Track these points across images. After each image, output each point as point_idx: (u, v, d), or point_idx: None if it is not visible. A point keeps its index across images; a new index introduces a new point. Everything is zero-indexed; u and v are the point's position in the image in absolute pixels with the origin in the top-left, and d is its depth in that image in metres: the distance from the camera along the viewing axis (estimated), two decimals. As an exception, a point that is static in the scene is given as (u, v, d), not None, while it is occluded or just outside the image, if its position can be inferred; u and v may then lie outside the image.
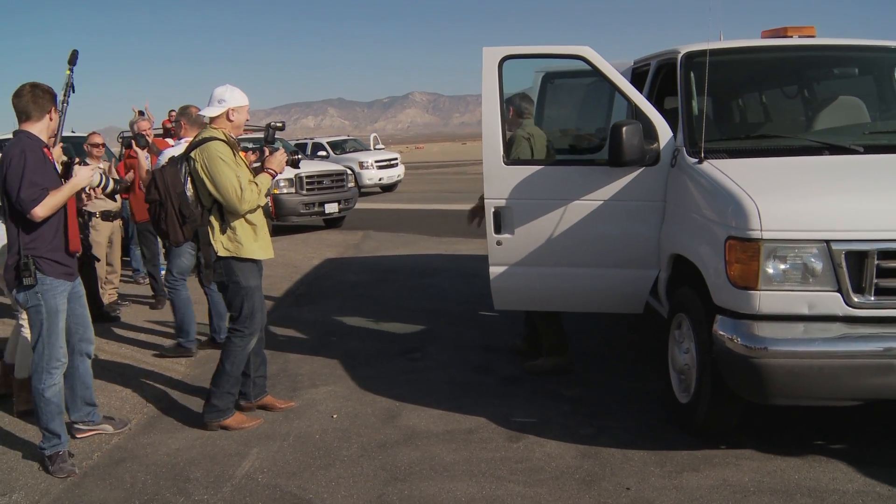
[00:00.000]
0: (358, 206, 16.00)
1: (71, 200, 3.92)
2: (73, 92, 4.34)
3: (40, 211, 3.65)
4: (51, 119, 3.91)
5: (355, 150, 23.99)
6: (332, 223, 14.72)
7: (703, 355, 3.73)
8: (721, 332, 3.52)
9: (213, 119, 4.27)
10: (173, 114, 17.47)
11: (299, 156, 4.82)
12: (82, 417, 4.28)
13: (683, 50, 4.69)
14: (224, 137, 4.21)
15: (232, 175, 4.07)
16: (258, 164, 4.53)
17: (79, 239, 4.10)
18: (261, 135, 16.44)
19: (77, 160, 4.07)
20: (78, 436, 4.25)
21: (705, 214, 3.80)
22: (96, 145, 7.63)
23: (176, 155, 4.42)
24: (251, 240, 4.27)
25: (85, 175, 3.95)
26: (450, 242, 11.45)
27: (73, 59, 4.45)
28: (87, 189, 4.47)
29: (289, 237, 13.30)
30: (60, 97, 4.12)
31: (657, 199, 4.41)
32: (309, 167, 14.20)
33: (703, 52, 4.40)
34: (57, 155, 4.04)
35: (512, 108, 5.02)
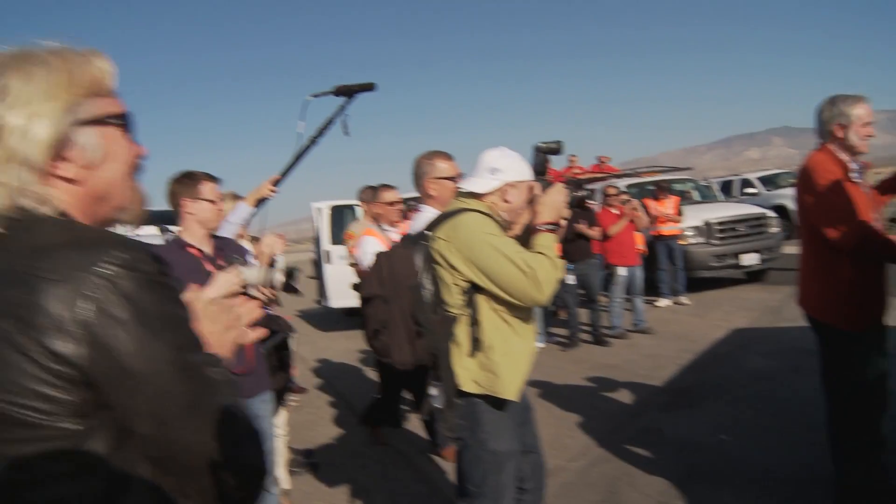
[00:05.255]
0: (792, 249, 13.22)
1: None
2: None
3: None
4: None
5: (791, 186, 20.44)
6: (754, 276, 12.25)
7: None
8: None
9: (477, 195, 2.88)
10: (572, 159, 16.27)
11: (585, 192, 3.05)
12: None
13: None
14: (486, 210, 2.84)
15: (511, 251, 2.64)
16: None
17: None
18: (672, 176, 14.78)
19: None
20: None
21: None
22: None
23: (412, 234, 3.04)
24: (514, 365, 2.71)
25: (219, 281, 2.66)
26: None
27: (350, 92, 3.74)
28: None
29: (699, 295, 11.35)
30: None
31: None
32: (720, 211, 12.08)
33: None
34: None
35: None
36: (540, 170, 3.06)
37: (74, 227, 1.10)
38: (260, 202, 4.30)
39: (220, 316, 1.35)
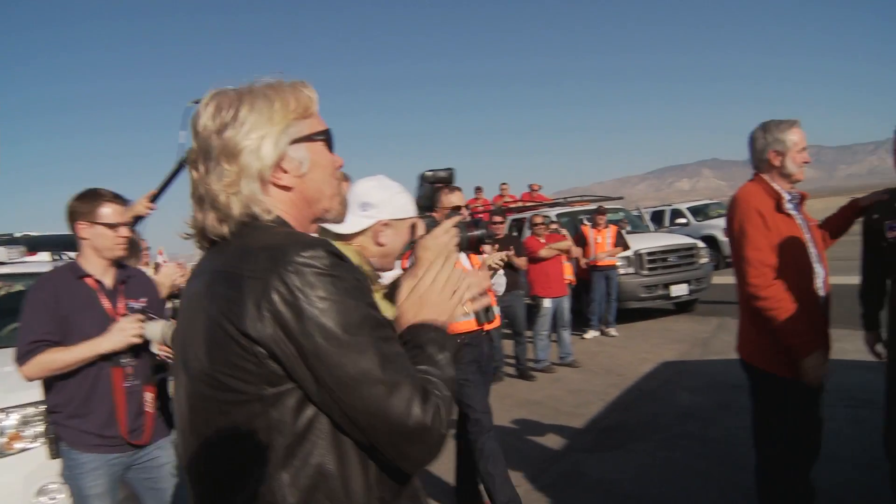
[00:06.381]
0: (720, 280, 13.16)
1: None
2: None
3: (26, 370, 2.85)
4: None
5: (720, 216, 20.63)
6: (683, 307, 12.10)
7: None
8: None
9: (343, 237, 2.27)
10: (535, 187, 15.62)
11: (482, 230, 2.44)
12: None
13: None
14: (355, 256, 2.20)
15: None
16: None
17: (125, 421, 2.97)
18: (604, 205, 14.48)
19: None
20: None
21: None
22: None
23: None
24: None
25: (117, 333, 2.86)
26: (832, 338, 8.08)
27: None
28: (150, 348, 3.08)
29: (628, 326, 11.10)
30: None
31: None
32: (650, 241, 11.92)
33: None
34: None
35: None
36: (426, 204, 2.48)
37: (274, 233, 1.32)
38: (136, 220, 3.79)
39: (451, 284, 1.48)
